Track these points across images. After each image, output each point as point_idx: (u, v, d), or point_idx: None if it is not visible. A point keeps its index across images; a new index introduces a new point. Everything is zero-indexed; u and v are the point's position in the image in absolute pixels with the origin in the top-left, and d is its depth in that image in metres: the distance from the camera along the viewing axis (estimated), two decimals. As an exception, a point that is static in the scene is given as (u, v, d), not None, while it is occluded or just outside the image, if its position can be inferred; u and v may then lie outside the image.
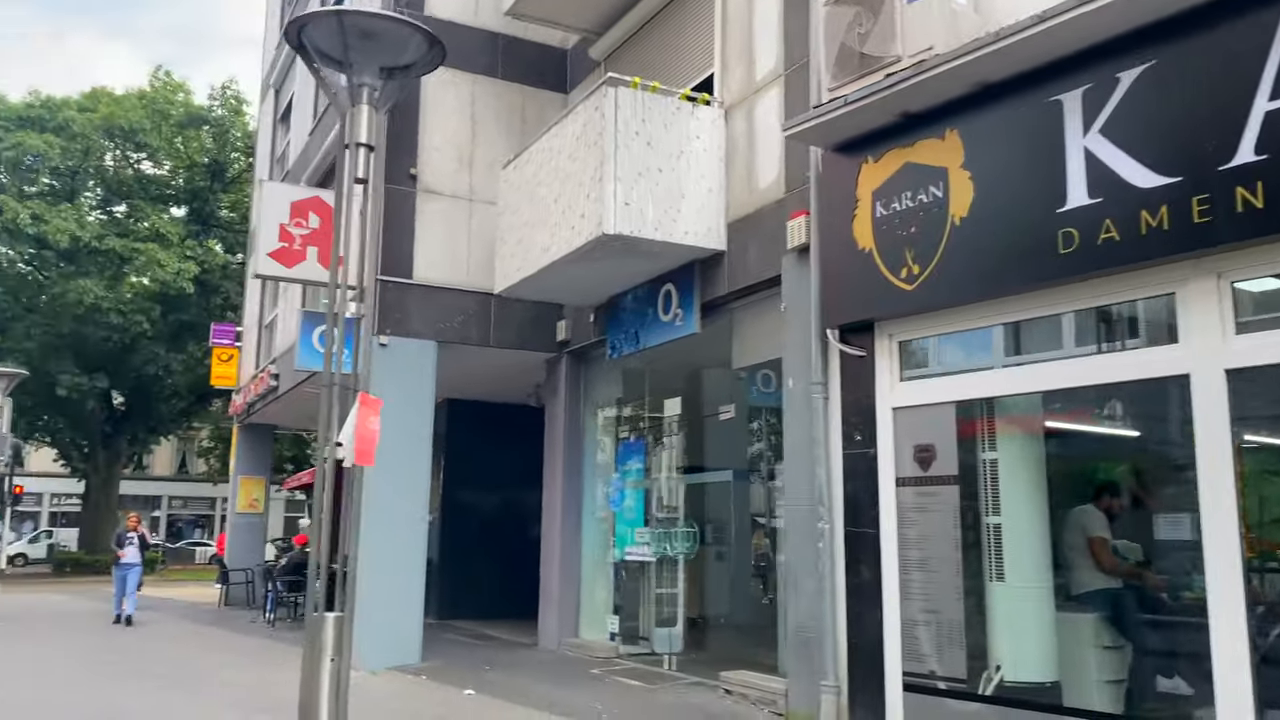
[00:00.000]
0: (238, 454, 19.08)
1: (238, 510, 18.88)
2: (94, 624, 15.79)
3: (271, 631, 14.43)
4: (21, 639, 14.00)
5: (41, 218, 27.07)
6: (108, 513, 36.46)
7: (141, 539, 16.09)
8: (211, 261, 29.96)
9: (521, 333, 12.22)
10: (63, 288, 27.94)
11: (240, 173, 32.90)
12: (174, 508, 60.30)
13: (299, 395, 15.14)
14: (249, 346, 18.80)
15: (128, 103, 30.12)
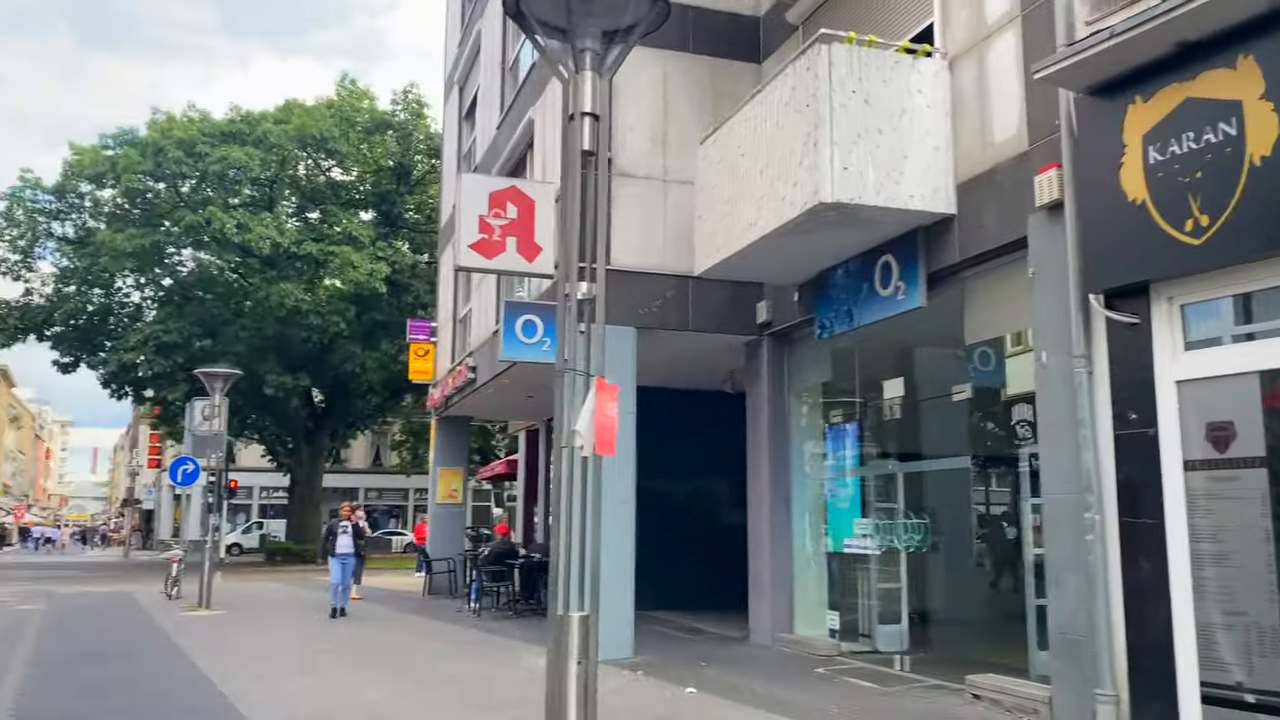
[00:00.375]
0: (436, 446, 19.54)
1: (438, 501, 19.32)
2: (311, 613, 16.44)
3: (478, 621, 14.58)
4: (247, 628, 14.67)
5: (246, 226, 28.69)
6: (312, 505, 38.59)
7: (356, 529, 16.29)
8: (401, 261, 31.02)
9: (719, 315, 11.77)
10: (266, 292, 29.56)
11: (424, 174, 33.96)
12: (369, 498, 63.44)
13: (497, 386, 15.24)
14: (444, 341, 19.17)
15: (318, 113, 31.58)
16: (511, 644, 12.13)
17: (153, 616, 16.39)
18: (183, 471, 20.89)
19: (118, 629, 14.53)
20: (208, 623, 15.18)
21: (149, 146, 29.77)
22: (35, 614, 16.94)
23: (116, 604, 19.28)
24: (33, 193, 32.82)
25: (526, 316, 10.82)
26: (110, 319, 34.73)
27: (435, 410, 19.49)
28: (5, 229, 32.69)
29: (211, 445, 19.72)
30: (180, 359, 30.89)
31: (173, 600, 19.48)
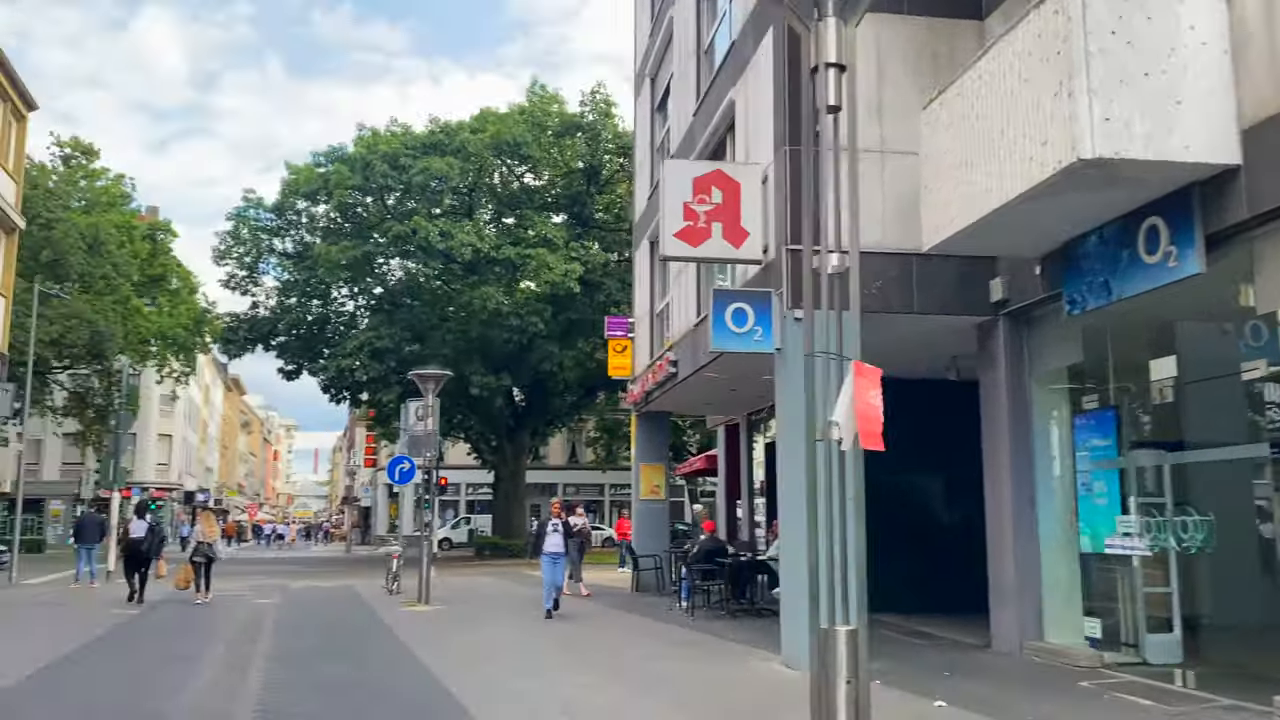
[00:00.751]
0: (637, 442, 19.39)
1: (641, 497, 19.17)
2: (526, 609, 16.60)
3: (690, 621, 14.22)
4: (466, 624, 14.89)
5: (448, 234, 29.69)
6: (516, 501, 39.66)
7: (565, 526, 15.80)
8: (593, 261, 31.31)
9: (946, 295, 10.87)
10: (468, 296, 30.50)
11: (613, 174, 34.19)
12: (567, 494, 64.96)
13: (699, 380, 14.84)
14: (641, 336, 18.99)
15: (510, 119, 32.35)
16: (731, 646, 11.67)
17: (376, 611, 16.97)
18: (400, 470, 21.68)
19: (346, 624, 15.08)
20: (428, 618, 15.54)
21: (357, 161, 31.37)
22: (271, 608, 17.90)
23: (342, 598, 20.19)
24: (255, 212, 35.26)
25: (736, 305, 10.30)
26: (328, 328, 36.87)
27: (635, 406, 19.33)
28: (233, 247, 35.25)
29: (425, 444, 20.32)
30: (392, 363, 32.36)
31: (393, 595, 20.21)
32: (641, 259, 19.16)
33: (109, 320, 37.32)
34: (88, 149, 44.34)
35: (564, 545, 15.46)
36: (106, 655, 11.57)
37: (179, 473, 64.32)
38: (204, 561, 18.35)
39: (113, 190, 43.91)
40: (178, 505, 64.52)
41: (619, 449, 54.67)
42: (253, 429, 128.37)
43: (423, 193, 30.94)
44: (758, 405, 17.91)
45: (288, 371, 37.48)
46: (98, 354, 37.59)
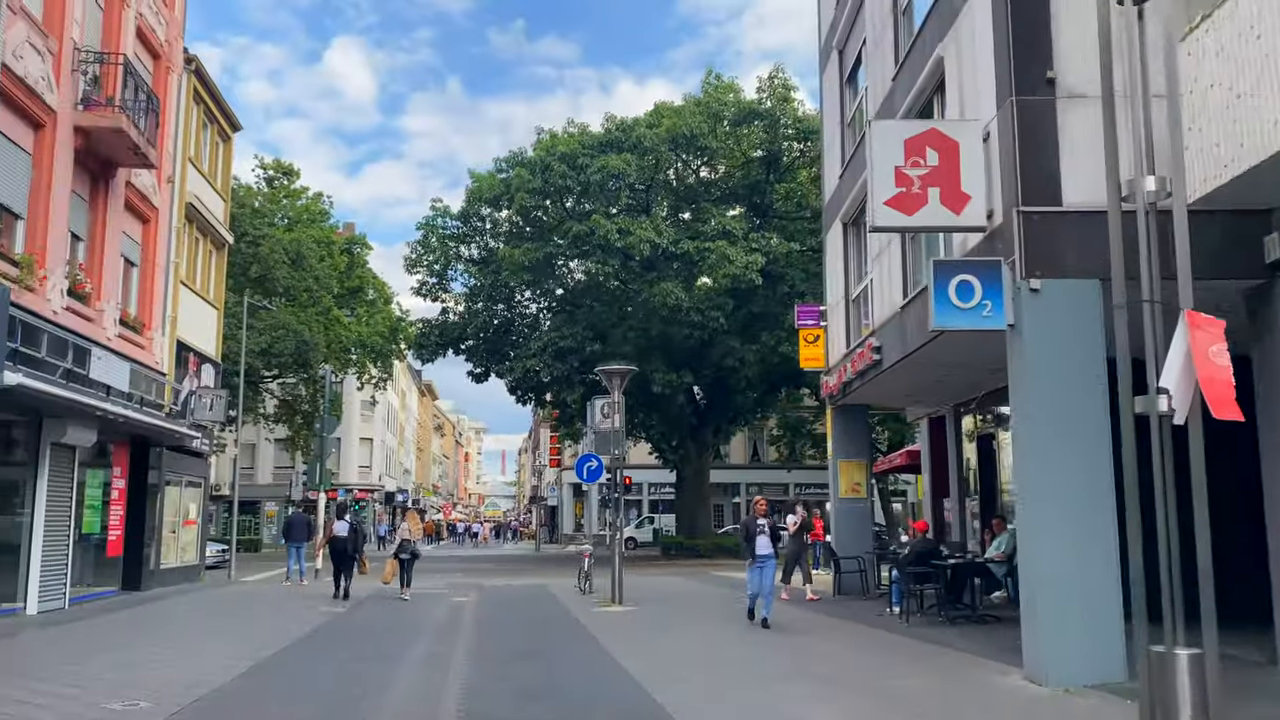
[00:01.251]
0: (834, 437, 18.34)
1: (840, 496, 18.10)
2: (724, 612, 15.91)
3: (906, 628, 13.12)
4: (664, 627, 14.33)
5: (626, 230, 29.44)
6: (701, 500, 39.11)
7: (773, 529, 13.83)
8: (775, 251, 30.31)
9: (1207, 257, 9.35)
10: (648, 293, 30.16)
11: (792, 161, 33.12)
12: (750, 493, 64.01)
13: (906, 368, 13.70)
14: (835, 324, 17.94)
15: (686, 111, 31.82)
16: (961, 657, 10.55)
17: (570, 610, 16.69)
18: (587, 468, 21.45)
19: (542, 624, 14.81)
20: (624, 620, 15.09)
21: (536, 165, 31.65)
22: (469, 606, 17.96)
23: (536, 597, 20.10)
24: (442, 220, 36.24)
25: (961, 277, 9.20)
26: (512, 331, 37.51)
27: (830, 399, 18.29)
28: (423, 255, 36.36)
29: (612, 441, 20.00)
30: (575, 362, 32.47)
31: (585, 594, 19.98)
32: (833, 242, 18.11)
33: (313, 330, 39.32)
34: (288, 169, 47.03)
35: (772, 549, 13.59)
36: (313, 653, 11.65)
37: (379, 474, 67.55)
38: (408, 558, 19.11)
39: (312, 208, 46.40)
40: (379, 506, 67.78)
41: (802, 447, 53.31)
42: (445, 432, 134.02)
43: (600, 191, 30.82)
44: (967, 395, 16.53)
45: (476, 375, 38.37)
46: (303, 362, 39.69)
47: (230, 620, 15.27)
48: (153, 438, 20.66)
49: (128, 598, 19.01)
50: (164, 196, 21.61)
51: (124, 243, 19.68)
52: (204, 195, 24.45)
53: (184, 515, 23.92)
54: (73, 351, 16.05)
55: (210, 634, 13.36)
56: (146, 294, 20.95)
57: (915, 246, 13.24)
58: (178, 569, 23.07)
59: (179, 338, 22.68)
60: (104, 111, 17.01)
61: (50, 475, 16.00)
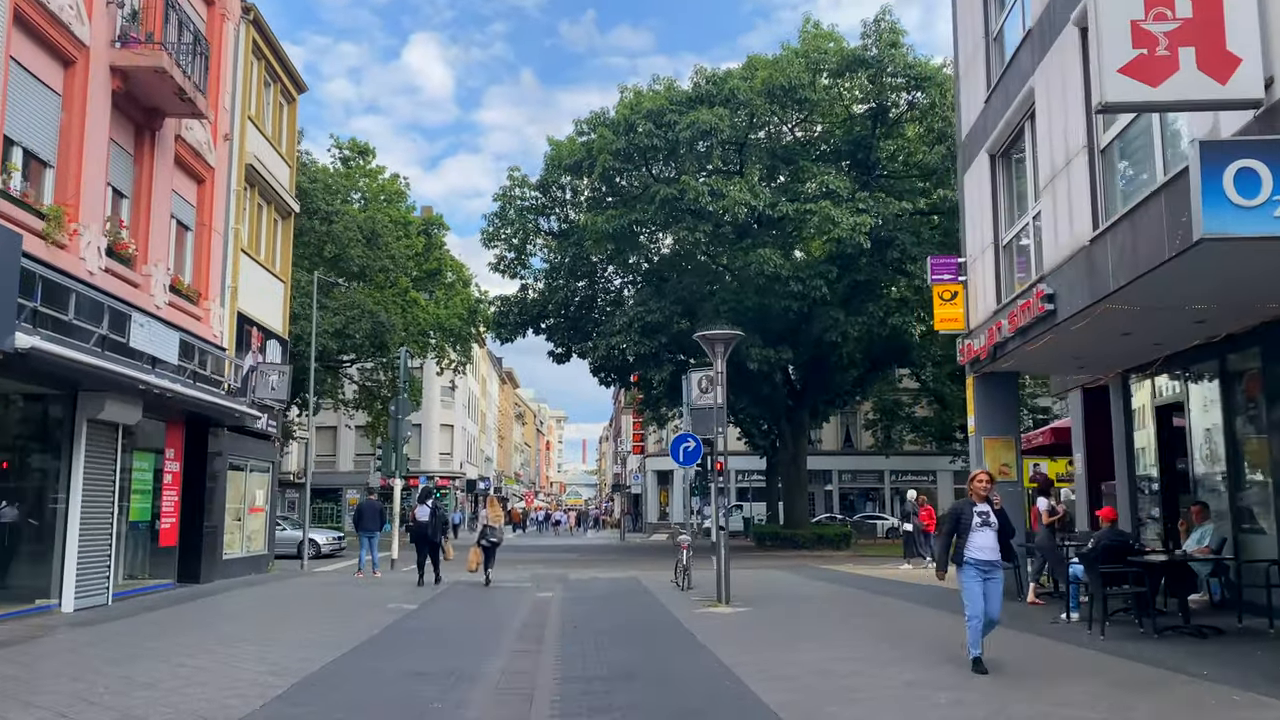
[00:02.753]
0: (977, 410, 15.60)
1: (985, 479, 15.37)
2: (853, 616, 13.41)
3: (1101, 643, 10.44)
4: (791, 636, 11.93)
5: (719, 193, 26.90)
6: (798, 486, 36.43)
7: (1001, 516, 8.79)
8: (884, 212, 27.42)
9: None
10: (742, 261, 27.64)
11: (899, 116, 30.17)
12: (843, 481, 61.01)
13: (1085, 323, 10.99)
14: (980, 277, 15.20)
15: (783, 62, 29.05)
16: (1205, 688, 7.90)
17: (670, 611, 14.40)
18: (684, 450, 19.11)
19: (641, 629, 12.51)
20: (737, 625, 12.70)
21: (619, 125, 29.23)
22: (554, 604, 15.80)
23: (628, 593, 17.88)
24: (520, 190, 34.16)
25: (1243, 164, 6.56)
26: (595, 309, 35.34)
27: (972, 366, 15.58)
28: (500, 228, 34.38)
29: (715, 418, 17.64)
30: (663, 339, 30.13)
31: (683, 590, 17.71)
32: (976, 181, 15.37)
33: (389, 312, 37.78)
34: (364, 149, 45.66)
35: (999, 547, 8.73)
36: (370, 667, 9.55)
37: (460, 462, 66.31)
38: (490, 546, 19.03)
39: (389, 188, 44.97)
40: (460, 493, 66.55)
41: (901, 432, 50.09)
42: (526, 420, 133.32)
43: (689, 151, 28.14)
44: (1145, 357, 13.69)
45: (557, 355, 36.37)
46: (380, 345, 38.19)
47: (286, 621, 13.33)
48: (212, 417, 18.97)
49: (183, 592, 17.33)
50: (221, 155, 19.89)
51: (175, 203, 17.97)
52: (266, 158, 22.74)
53: (250, 502, 22.32)
54: (109, 317, 14.27)
55: (257, 639, 11.40)
56: (202, 260, 19.25)
57: (1107, 163, 10.51)
58: (243, 559, 21.46)
59: (240, 310, 21.00)
60: (143, 49, 15.20)
61: (88, 456, 14.27)
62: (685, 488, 62.08)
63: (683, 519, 61.58)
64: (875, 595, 16.39)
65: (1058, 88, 11.52)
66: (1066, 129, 11.18)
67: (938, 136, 28.03)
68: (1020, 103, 13.01)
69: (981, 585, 8.72)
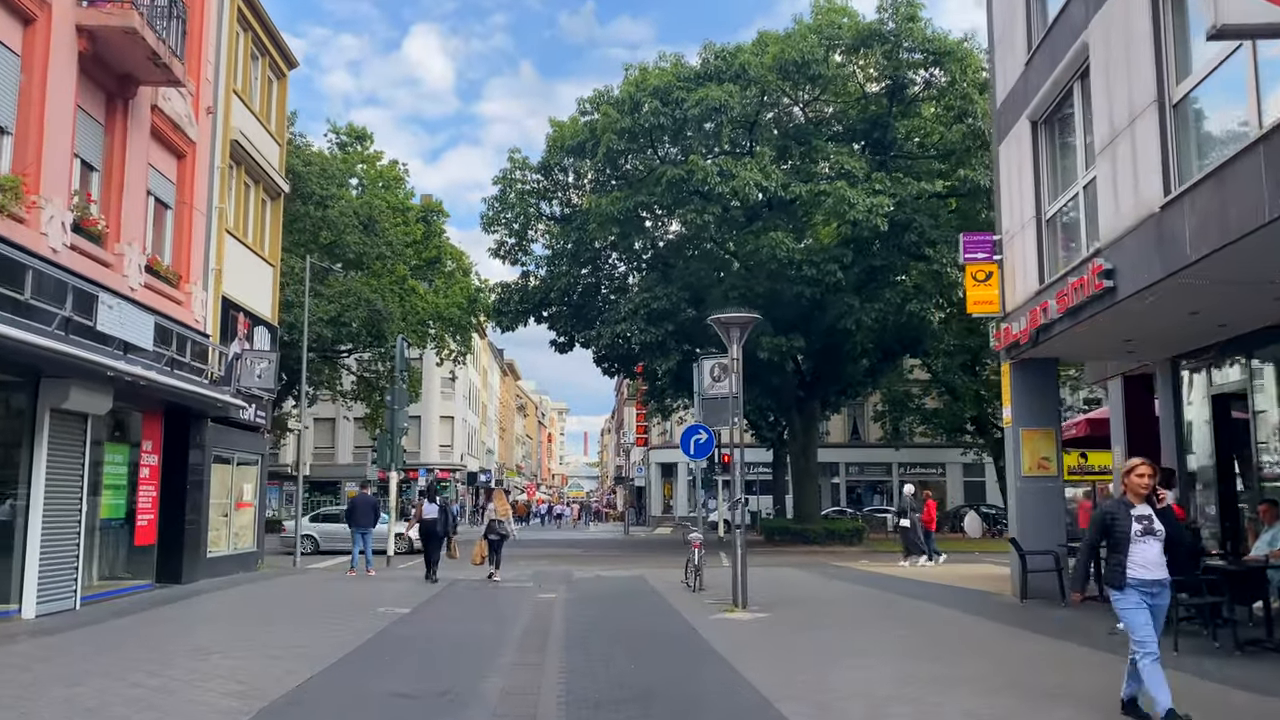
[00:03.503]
0: (1014, 400, 14.45)
1: (1023, 473, 14.24)
2: (887, 622, 12.29)
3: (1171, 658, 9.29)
4: (822, 646, 10.80)
5: (729, 173, 25.70)
6: (809, 479, 35.29)
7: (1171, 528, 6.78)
8: (902, 193, 26.17)
9: None
10: (753, 245, 26.46)
11: (918, 94, 28.95)
12: (850, 474, 59.92)
13: (1169, 293, 9.82)
14: (1018, 256, 14.03)
15: (795, 37, 27.78)
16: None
17: (684, 616, 13.29)
18: (695, 442, 17.98)
19: (653, 638, 11.39)
20: (758, 634, 11.58)
21: (625, 103, 27.97)
22: (557, 606, 14.69)
23: (637, 595, 16.77)
24: (521, 173, 32.95)
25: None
26: (599, 296, 34.18)
27: (1008, 351, 14.43)
28: (501, 212, 33.18)
29: (730, 407, 16.54)
30: (669, 327, 28.98)
31: (695, 592, 16.60)
32: (1014, 152, 14.19)
33: (387, 300, 36.64)
34: (361, 133, 44.48)
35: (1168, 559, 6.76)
36: (348, 689, 8.44)
37: (461, 454, 65.19)
38: (498, 539, 18.69)
39: (387, 173, 43.79)
40: (461, 486, 65.41)
41: (912, 424, 48.93)
42: (528, 413, 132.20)
43: (698, 130, 26.84)
44: (1209, 339, 12.53)
45: (560, 344, 35.21)
46: (377, 334, 37.06)
47: (267, 627, 12.21)
48: (193, 407, 17.83)
49: (161, 594, 16.22)
50: (203, 130, 18.72)
51: (153, 179, 16.81)
52: (254, 135, 21.57)
53: (238, 496, 21.20)
54: (74, 297, 13.12)
55: (231, 649, 10.28)
56: (183, 241, 18.09)
57: (1181, 118, 9.34)
58: (230, 557, 20.36)
59: (225, 294, 19.86)
60: (112, 9, 14.01)
61: (52, 449, 13.13)
62: (690, 481, 61.15)
63: (687, 513, 60.54)
64: (906, 598, 15.26)
65: (1119, 38, 10.35)
66: (1130, 83, 10.01)
67: (957, 115, 26.81)
68: (1071, 60, 11.85)
69: (1148, 612, 6.61)
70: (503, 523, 18.92)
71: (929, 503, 24.27)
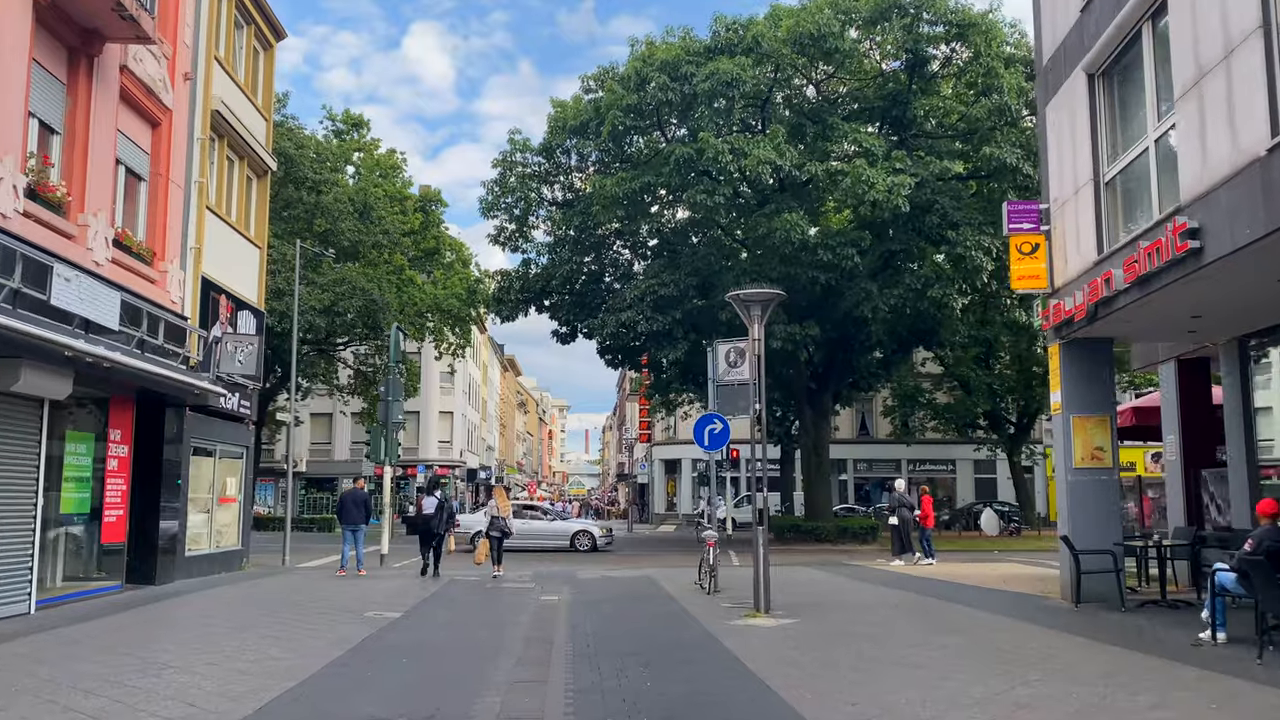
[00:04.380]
0: (1063, 384, 13.12)
1: (1074, 465, 12.91)
2: (920, 627, 10.98)
3: (1274, 675, 8.02)
4: (868, 662, 9.49)
5: (741, 151, 24.36)
6: (820, 475, 34.00)
7: None
8: (924, 172, 24.83)
9: None
10: (765, 228, 25.13)
11: (938, 71, 27.61)
12: (858, 470, 58.60)
13: (1262, 256, 8.54)
14: (1071, 224, 12.70)
15: (810, 8, 26.43)
16: None
17: (701, 622, 12.01)
18: (709, 433, 16.73)
19: (672, 650, 10.09)
20: (789, 644, 10.27)
21: (631, 79, 26.59)
22: (561, 610, 13.42)
23: (647, 597, 15.48)
24: (521, 155, 31.62)
25: None
26: (602, 284, 32.87)
27: (1056, 331, 13.11)
28: (500, 197, 31.87)
29: (752, 394, 15.30)
30: (677, 314, 27.66)
31: (710, 595, 15.33)
32: (1067, 108, 12.85)
33: (383, 290, 35.38)
34: (358, 121, 43.22)
35: None
36: (329, 704, 7.17)
37: (460, 450, 63.89)
38: (499, 536, 18.56)
39: (385, 162, 42.54)
40: (460, 483, 64.07)
41: (923, 419, 47.60)
42: (529, 409, 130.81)
43: (709, 105, 25.44)
44: (1269, 320, 11.24)
45: (562, 335, 33.89)
46: (373, 325, 35.78)
47: (239, 635, 10.91)
48: (169, 394, 16.53)
49: (130, 596, 14.94)
50: (180, 97, 17.42)
51: (123, 146, 15.52)
52: (238, 107, 20.25)
53: (220, 492, 19.92)
54: (24, 267, 11.82)
55: (192, 663, 8.99)
56: (159, 216, 16.79)
57: None
58: (211, 556, 19.08)
59: (206, 275, 18.56)
60: (71, -49, 12.74)
61: (1, 437, 11.86)
62: (694, 477, 59.78)
63: (691, 510, 59.16)
64: (943, 602, 13.96)
65: (1208, -39, 9.02)
66: (1224, 11, 8.69)
67: (981, 90, 25.45)
68: (1130, 9, 10.55)
69: None
70: (504, 520, 18.86)
71: (925, 499, 23.10)
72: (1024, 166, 24.19)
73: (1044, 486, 52.11)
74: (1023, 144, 24.56)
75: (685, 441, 58.85)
